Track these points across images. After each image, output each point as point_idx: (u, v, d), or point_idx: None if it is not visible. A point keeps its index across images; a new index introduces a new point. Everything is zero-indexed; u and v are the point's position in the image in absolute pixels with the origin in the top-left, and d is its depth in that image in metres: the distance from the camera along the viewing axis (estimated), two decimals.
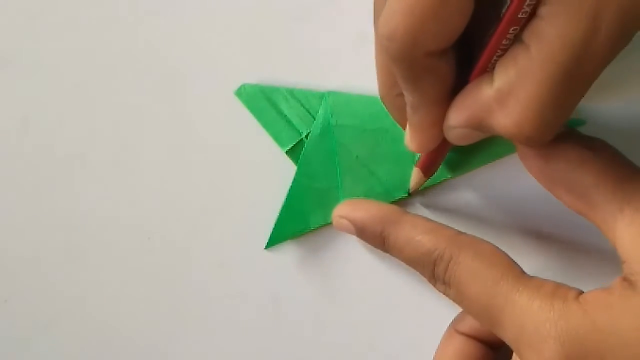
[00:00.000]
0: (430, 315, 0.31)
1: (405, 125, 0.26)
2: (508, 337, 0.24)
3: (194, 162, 0.33)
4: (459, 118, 0.24)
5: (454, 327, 0.29)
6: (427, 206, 0.31)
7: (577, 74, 0.21)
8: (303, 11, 0.31)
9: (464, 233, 0.27)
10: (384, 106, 0.28)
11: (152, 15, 0.32)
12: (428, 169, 0.29)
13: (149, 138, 0.33)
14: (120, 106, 0.33)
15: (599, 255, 0.30)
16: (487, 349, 0.28)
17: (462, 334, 0.28)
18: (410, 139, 0.26)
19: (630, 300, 0.22)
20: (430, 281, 0.27)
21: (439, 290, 0.27)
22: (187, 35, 0.32)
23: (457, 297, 0.26)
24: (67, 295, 0.34)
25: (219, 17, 0.32)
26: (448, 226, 0.27)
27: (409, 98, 0.24)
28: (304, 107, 0.31)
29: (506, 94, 0.22)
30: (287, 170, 0.31)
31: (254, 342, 0.33)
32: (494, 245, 0.26)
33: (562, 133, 0.26)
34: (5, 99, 0.34)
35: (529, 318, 0.23)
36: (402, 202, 0.31)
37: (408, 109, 0.25)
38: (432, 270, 0.26)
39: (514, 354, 0.25)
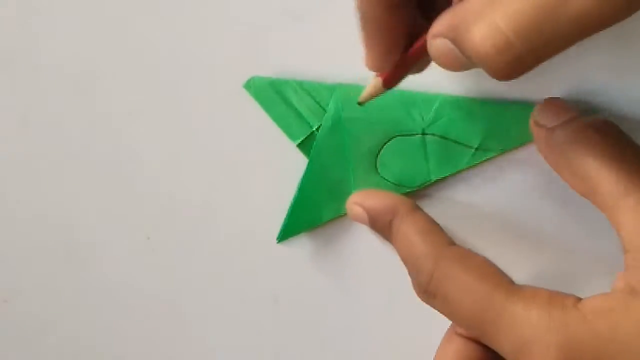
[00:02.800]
0: (431, 315, 0.31)
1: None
2: (504, 348, 0.24)
3: (204, 157, 0.32)
4: (439, 25, 0.22)
5: (454, 328, 0.29)
6: (432, 202, 0.31)
7: (561, 11, 0.19)
8: (314, 3, 0.31)
9: (456, 245, 0.27)
10: (393, 96, 0.28)
11: (158, 8, 0.32)
12: (388, 79, 0.27)
13: (157, 132, 0.33)
14: (127, 103, 0.33)
15: (596, 256, 0.30)
16: (487, 350, 0.28)
17: (462, 335, 0.28)
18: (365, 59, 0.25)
19: (631, 307, 0.22)
20: (413, 286, 0.27)
21: (421, 299, 0.26)
22: (196, 28, 0.32)
23: (445, 309, 0.26)
24: (67, 295, 0.34)
25: (228, 10, 0.31)
26: (445, 233, 0.27)
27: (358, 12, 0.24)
28: (314, 99, 0.31)
29: (488, 3, 0.20)
30: (298, 163, 0.31)
31: (257, 338, 0.33)
32: (484, 257, 0.26)
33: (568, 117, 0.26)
34: (5, 99, 0.34)
35: (527, 328, 0.23)
36: (413, 194, 0.31)
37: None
38: (416, 276, 0.26)
39: None
